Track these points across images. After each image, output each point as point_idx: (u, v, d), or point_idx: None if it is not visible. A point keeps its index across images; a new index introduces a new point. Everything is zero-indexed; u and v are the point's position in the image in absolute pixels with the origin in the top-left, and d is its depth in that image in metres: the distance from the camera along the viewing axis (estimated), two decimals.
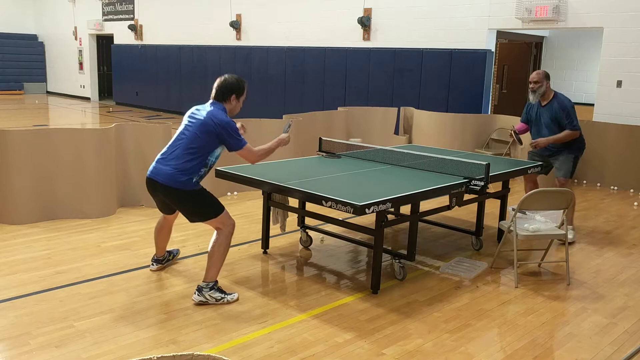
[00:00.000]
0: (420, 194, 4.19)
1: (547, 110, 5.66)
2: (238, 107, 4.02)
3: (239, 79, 3.98)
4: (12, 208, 5.49)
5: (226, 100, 3.94)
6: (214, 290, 3.90)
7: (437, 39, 10.36)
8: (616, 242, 5.66)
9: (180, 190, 3.81)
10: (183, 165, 3.78)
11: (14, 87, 21.28)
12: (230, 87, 3.93)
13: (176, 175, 3.77)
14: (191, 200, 3.88)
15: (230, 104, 3.96)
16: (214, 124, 3.78)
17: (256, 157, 4.01)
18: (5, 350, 3.23)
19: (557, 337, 3.63)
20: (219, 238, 3.93)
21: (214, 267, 3.91)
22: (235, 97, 3.95)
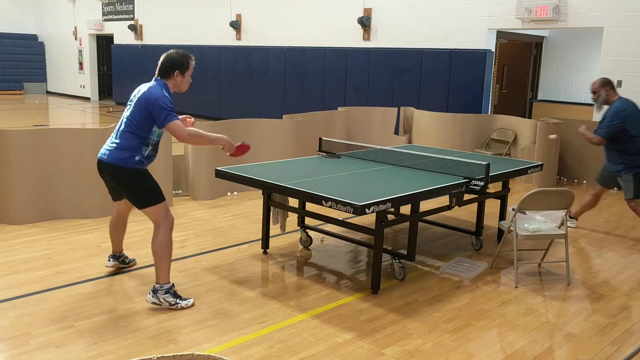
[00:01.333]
0: (420, 194, 4.19)
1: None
2: (184, 83, 3.90)
3: (183, 54, 3.86)
4: (12, 208, 5.49)
5: (169, 77, 3.82)
6: (169, 294, 3.80)
7: (437, 39, 10.36)
8: (616, 242, 5.66)
9: (120, 168, 3.74)
10: (124, 143, 3.73)
11: (14, 87, 21.28)
12: (173, 63, 3.81)
13: (118, 152, 3.73)
14: (130, 180, 3.80)
15: (174, 80, 3.84)
16: (146, 99, 3.70)
17: (186, 135, 3.74)
18: (5, 350, 3.23)
19: (557, 337, 3.63)
20: (157, 234, 3.82)
21: (161, 267, 3.80)
22: (179, 72, 3.83)
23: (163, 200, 3.83)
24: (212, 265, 4.66)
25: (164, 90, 3.76)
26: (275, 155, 6.90)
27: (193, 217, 6.05)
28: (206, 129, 6.66)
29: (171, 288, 3.83)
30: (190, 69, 3.88)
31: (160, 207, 3.81)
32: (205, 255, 4.89)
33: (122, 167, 3.74)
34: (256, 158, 6.86)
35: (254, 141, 7.19)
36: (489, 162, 4.58)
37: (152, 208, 3.79)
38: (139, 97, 3.75)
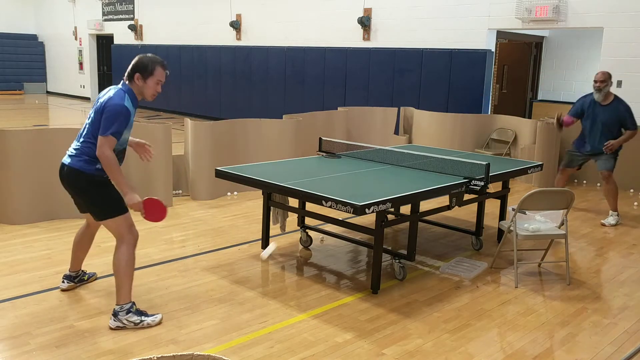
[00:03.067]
0: (420, 194, 4.19)
1: (608, 111, 6.09)
2: (148, 89, 3.56)
3: (152, 59, 3.56)
4: (12, 208, 5.49)
5: (131, 80, 3.54)
6: (130, 313, 3.54)
7: (437, 39, 10.36)
8: (616, 242, 5.66)
9: (78, 172, 3.50)
10: (84, 148, 3.51)
11: (14, 87, 21.28)
12: (135, 66, 3.53)
13: (78, 157, 3.52)
14: (89, 188, 3.54)
15: (135, 85, 3.54)
16: (105, 104, 3.46)
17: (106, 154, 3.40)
18: (5, 350, 3.23)
19: (557, 337, 3.63)
20: (118, 250, 3.57)
21: (122, 287, 3.55)
22: (140, 76, 3.52)
23: (125, 211, 3.56)
24: (212, 265, 4.66)
25: (127, 97, 3.50)
26: (275, 155, 6.90)
27: (193, 217, 6.05)
28: (207, 128, 6.69)
29: (132, 307, 3.56)
30: (155, 75, 3.54)
31: (122, 219, 3.56)
32: (205, 255, 4.89)
33: (80, 172, 3.50)
34: (256, 158, 6.87)
35: (254, 141, 7.20)
36: (489, 162, 4.58)
37: (112, 220, 3.55)
38: (101, 102, 3.51)
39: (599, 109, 6.15)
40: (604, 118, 6.12)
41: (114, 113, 3.41)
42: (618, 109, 6.08)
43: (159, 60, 3.59)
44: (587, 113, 6.24)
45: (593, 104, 6.19)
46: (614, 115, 6.09)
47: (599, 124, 6.16)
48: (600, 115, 6.14)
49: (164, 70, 3.60)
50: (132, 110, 3.51)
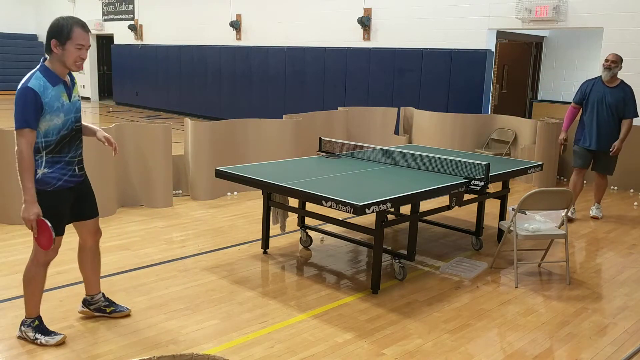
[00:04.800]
0: (420, 194, 4.19)
1: (616, 92, 6.00)
2: (69, 56, 3.01)
3: (65, 19, 3.02)
4: (12, 208, 5.49)
5: (49, 51, 3.02)
6: (30, 328, 3.28)
7: (437, 39, 10.36)
8: (616, 242, 5.66)
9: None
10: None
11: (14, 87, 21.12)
12: (49, 32, 3.00)
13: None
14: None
15: (55, 55, 3.01)
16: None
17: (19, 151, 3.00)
18: (5, 350, 3.23)
19: (557, 337, 3.63)
20: (28, 265, 3.25)
21: (25, 300, 3.29)
22: (56, 43, 2.98)
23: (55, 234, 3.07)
24: (212, 265, 4.66)
25: (37, 76, 2.97)
26: (275, 155, 6.90)
27: (193, 217, 6.05)
28: (207, 128, 6.69)
29: (33, 322, 3.29)
30: (74, 38, 2.98)
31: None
32: (205, 255, 4.89)
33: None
34: (256, 158, 6.87)
35: (254, 141, 7.20)
36: (489, 162, 4.59)
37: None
38: None
39: (605, 91, 6.03)
40: (611, 100, 6.00)
41: (17, 100, 2.92)
42: (624, 90, 6.01)
43: (76, 20, 3.04)
44: (592, 96, 6.08)
45: (602, 86, 6.07)
46: (621, 96, 5.99)
47: (605, 107, 6.00)
48: (607, 96, 6.01)
49: (85, 32, 3.04)
50: (45, 90, 2.95)
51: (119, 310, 3.64)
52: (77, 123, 3.20)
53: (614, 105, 6.00)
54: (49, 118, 2.99)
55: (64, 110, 3.06)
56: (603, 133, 6.06)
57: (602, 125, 6.05)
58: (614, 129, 6.04)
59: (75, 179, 3.23)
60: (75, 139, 3.20)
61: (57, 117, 3.02)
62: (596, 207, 6.50)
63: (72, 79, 3.21)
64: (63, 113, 3.06)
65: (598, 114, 6.05)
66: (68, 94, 3.10)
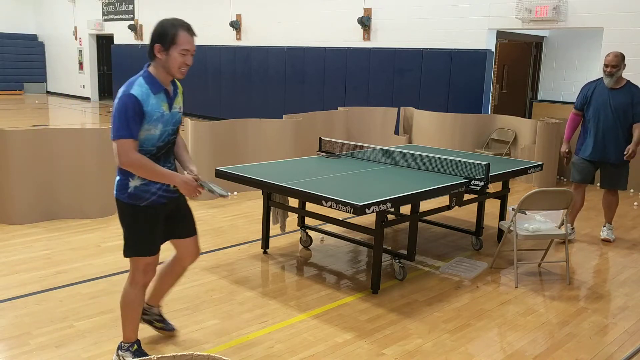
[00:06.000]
0: (420, 194, 4.19)
1: (622, 95, 5.31)
2: (174, 62, 2.79)
3: (167, 22, 2.81)
4: (12, 208, 5.50)
5: (152, 57, 2.80)
6: (129, 352, 3.06)
7: (437, 39, 10.37)
8: (616, 242, 5.65)
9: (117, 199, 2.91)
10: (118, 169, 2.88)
11: (14, 87, 21.28)
12: (152, 36, 2.79)
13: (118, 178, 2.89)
14: (120, 216, 2.94)
15: (158, 61, 2.80)
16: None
17: (127, 160, 2.72)
18: (5, 350, 3.23)
19: (557, 337, 3.63)
20: (126, 287, 3.02)
21: (123, 323, 3.06)
22: (160, 48, 2.76)
23: (146, 255, 2.95)
24: (212, 265, 4.66)
25: (141, 82, 2.76)
26: (275, 155, 6.90)
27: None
28: (207, 128, 6.69)
29: (131, 346, 3.07)
30: (179, 43, 2.78)
31: (138, 263, 2.96)
32: (205, 255, 4.88)
33: (116, 198, 2.90)
34: (256, 158, 6.87)
35: (254, 141, 7.20)
36: (489, 162, 4.58)
37: (130, 260, 2.97)
38: None
39: (609, 93, 5.32)
40: (616, 104, 5.28)
41: (119, 108, 2.69)
42: (632, 91, 5.30)
43: (181, 23, 2.83)
44: (595, 100, 5.38)
45: (604, 89, 5.36)
46: (628, 99, 5.26)
47: (610, 110, 5.28)
48: (611, 100, 5.30)
49: (190, 36, 2.85)
50: (147, 98, 2.73)
51: (168, 328, 3.44)
52: (174, 135, 3.00)
53: (620, 110, 5.27)
54: (146, 128, 2.76)
55: (163, 120, 2.83)
56: (608, 141, 5.33)
57: (607, 133, 5.31)
58: (621, 136, 5.29)
59: (169, 194, 3.01)
60: (170, 152, 3.02)
61: (154, 128, 2.80)
62: (607, 227, 5.71)
63: (175, 88, 2.97)
64: (162, 124, 2.83)
65: (601, 120, 5.32)
66: (169, 103, 2.87)
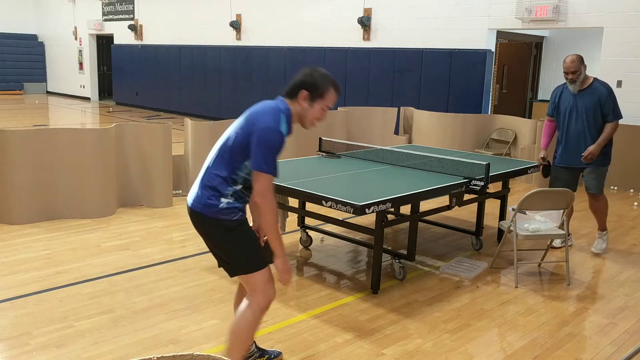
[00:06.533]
0: (420, 194, 4.19)
1: (587, 96, 5.02)
2: (313, 114, 2.80)
3: (323, 75, 2.82)
4: (12, 208, 5.49)
5: (294, 98, 2.78)
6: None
7: (437, 39, 10.36)
8: (616, 242, 5.65)
9: (203, 215, 2.72)
10: (210, 179, 2.73)
11: (14, 87, 21.28)
12: (303, 82, 2.78)
13: (202, 193, 2.72)
14: (216, 235, 2.77)
15: (297, 105, 2.78)
16: (253, 121, 2.69)
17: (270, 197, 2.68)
18: (5, 350, 3.23)
19: (557, 337, 3.63)
20: (244, 310, 2.78)
21: (232, 349, 2.79)
22: (307, 96, 2.76)
23: (263, 267, 2.78)
24: (212, 265, 4.64)
25: (283, 118, 2.70)
26: None
27: None
28: (207, 128, 6.69)
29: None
30: (326, 99, 2.79)
31: (257, 276, 2.76)
32: (206, 255, 4.88)
33: (205, 216, 2.73)
34: None
35: None
36: (489, 162, 4.58)
37: (245, 278, 2.81)
38: (248, 115, 2.76)
39: (575, 97, 5.08)
40: (583, 107, 5.02)
41: (268, 141, 2.63)
42: (598, 91, 5.01)
43: (332, 80, 2.85)
44: (562, 105, 5.17)
45: (568, 93, 5.16)
46: (594, 99, 4.99)
47: (578, 115, 5.05)
48: (578, 104, 5.04)
49: (337, 95, 2.88)
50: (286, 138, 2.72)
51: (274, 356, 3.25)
52: None
53: (589, 111, 5.00)
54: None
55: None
56: (576, 147, 5.07)
57: (576, 137, 5.07)
58: (590, 140, 5.02)
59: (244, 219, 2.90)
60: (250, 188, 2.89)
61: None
62: (598, 235, 5.42)
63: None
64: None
65: (569, 124, 5.10)
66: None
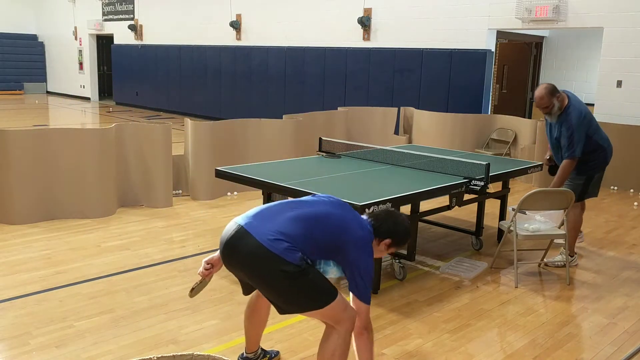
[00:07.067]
0: (420, 194, 4.19)
1: (557, 125, 4.76)
2: (379, 255, 2.87)
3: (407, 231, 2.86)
4: (12, 208, 5.49)
5: (379, 238, 2.78)
6: None
7: (437, 39, 10.36)
8: (616, 242, 5.65)
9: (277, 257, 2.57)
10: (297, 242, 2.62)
11: (14, 87, 21.28)
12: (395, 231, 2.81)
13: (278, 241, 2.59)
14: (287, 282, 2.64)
15: (380, 246, 2.81)
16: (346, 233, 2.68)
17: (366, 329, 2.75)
18: (5, 350, 3.23)
19: (557, 337, 3.63)
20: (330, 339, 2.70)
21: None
22: (390, 243, 2.80)
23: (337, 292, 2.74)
24: None
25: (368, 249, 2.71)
26: (275, 155, 6.89)
27: (193, 217, 6.05)
28: (207, 128, 6.69)
29: None
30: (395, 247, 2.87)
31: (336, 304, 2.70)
32: (205, 255, 4.87)
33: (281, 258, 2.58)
34: (256, 158, 6.87)
35: (254, 141, 7.20)
36: (489, 162, 4.58)
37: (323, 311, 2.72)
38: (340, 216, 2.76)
39: (551, 124, 4.86)
40: (554, 135, 4.82)
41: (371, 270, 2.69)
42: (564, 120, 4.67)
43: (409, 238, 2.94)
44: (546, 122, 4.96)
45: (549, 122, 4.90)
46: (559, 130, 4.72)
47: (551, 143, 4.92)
48: (553, 130, 4.84)
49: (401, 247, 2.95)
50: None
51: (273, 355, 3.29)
52: None
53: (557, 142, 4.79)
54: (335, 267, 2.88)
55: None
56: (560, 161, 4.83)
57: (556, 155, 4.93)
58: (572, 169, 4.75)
59: None
60: None
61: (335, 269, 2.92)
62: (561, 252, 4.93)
63: None
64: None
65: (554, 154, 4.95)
66: None
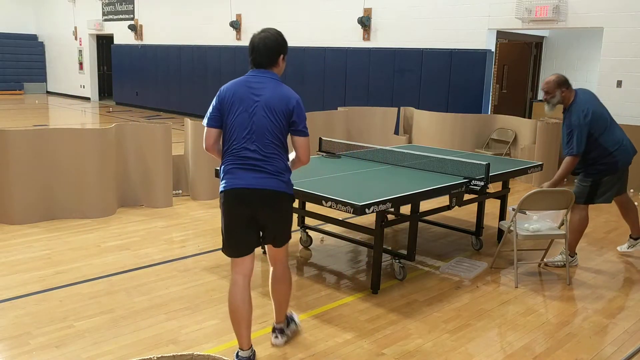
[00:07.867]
0: (420, 194, 4.19)
1: (564, 117, 4.68)
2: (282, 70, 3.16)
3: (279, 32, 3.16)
4: (12, 208, 5.49)
5: (275, 64, 3.05)
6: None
7: (437, 39, 10.36)
8: (616, 242, 5.65)
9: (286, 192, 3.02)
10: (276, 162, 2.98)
11: (14, 87, 21.28)
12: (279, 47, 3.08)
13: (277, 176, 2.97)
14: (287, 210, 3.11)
15: (278, 68, 3.07)
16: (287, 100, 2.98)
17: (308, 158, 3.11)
18: (5, 350, 3.23)
19: (557, 337, 3.63)
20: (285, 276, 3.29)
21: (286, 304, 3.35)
22: (284, 57, 3.10)
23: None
24: (212, 265, 4.66)
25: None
26: None
27: (193, 217, 6.05)
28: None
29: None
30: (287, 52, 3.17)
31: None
32: (205, 255, 4.88)
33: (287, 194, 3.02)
34: None
35: None
36: (489, 162, 4.58)
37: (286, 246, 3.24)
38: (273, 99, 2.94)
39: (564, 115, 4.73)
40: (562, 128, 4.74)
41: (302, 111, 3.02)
42: (566, 114, 4.64)
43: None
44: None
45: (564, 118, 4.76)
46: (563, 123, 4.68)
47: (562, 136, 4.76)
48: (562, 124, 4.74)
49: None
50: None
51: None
52: None
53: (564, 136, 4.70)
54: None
55: None
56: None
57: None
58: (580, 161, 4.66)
59: None
60: None
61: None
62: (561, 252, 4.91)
63: None
64: None
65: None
66: None
